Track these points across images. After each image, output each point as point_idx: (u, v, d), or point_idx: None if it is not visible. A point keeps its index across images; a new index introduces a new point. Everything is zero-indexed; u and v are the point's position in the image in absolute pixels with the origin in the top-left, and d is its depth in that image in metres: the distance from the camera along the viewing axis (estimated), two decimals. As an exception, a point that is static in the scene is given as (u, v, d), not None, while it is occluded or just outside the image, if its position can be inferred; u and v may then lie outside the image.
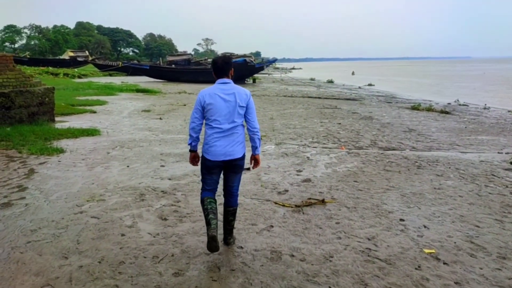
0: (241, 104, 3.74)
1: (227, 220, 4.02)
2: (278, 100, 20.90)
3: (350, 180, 6.55)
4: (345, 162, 7.76)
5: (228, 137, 3.73)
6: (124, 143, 9.19)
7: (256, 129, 3.88)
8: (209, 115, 3.72)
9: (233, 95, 3.72)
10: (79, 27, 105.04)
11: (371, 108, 18.03)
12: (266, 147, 9.05)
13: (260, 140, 4.00)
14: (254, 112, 3.88)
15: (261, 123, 12.21)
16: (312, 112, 15.82)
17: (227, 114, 3.69)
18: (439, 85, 39.15)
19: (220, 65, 3.81)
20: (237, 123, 3.74)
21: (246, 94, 3.82)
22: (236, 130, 3.76)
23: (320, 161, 7.77)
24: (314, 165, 7.47)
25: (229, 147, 3.74)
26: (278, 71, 78.47)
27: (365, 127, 12.18)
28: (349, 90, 31.55)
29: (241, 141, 3.83)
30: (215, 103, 3.68)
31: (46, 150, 8.04)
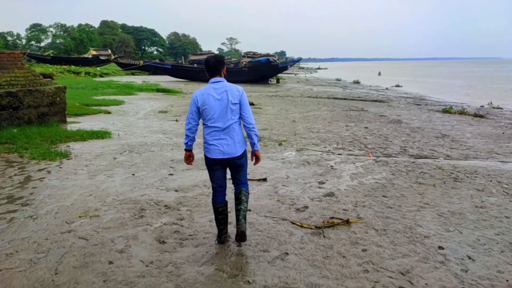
0: (234, 101, 3.78)
1: (240, 200, 3.98)
2: (302, 102, 20.18)
3: (379, 194, 5.83)
4: (372, 172, 7.02)
5: (225, 136, 3.79)
6: (134, 147, 8.70)
7: (252, 125, 3.91)
8: (204, 115, 3.80)
9: (225, 93, 3.78)
10: (104, 26, 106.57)
11: (400, 111, 17.11)
12: (286, 153, 8.39)
13: (258, 136, 4.02)
14: (248, 108, 3.91)
15: (282, 127, 11.57)
16: (337, 114, 15.06)
17: (221, 112, 3.76)
18: (470, 87, 37.54)
19: (213, 64, 3.86)
20: (232, 120, 3.79)
21: (238, 90, 3.86)
22: (232, 127, 3.80)
23: (345, 171, 7.06)
24: (338, 175, 6.77)
25: (227, 146, 3.79)
26: (303, 71, 77.52)
27: (394, 132, 11.36)
28: (375, 91, 30.52)
29: (239, 140, 3.86)
30: (209, 103, 3.76)
31: (49, 154, 7.61)
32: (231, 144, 3.80)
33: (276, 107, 17.24)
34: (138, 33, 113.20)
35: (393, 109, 17.68)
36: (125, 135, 10.07)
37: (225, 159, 3.82)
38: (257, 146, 4.02)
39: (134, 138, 9.78)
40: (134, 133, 10.46)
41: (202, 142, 3.95)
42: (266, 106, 17.43)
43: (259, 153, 4.08)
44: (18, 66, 10.75)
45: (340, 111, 16.29)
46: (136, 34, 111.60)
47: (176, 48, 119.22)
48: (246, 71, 36.35)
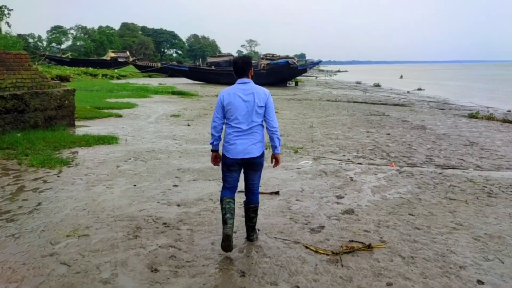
0: (260, 104, 3.82)
1: (249, 217, 4.13)
2: (321, 105, 19.53)
3: (404, 212, 5.21)
4: (396, 185, 6.39)
5: (247, 136, 3.83)
6: (140, 154, 8.25)
7: (275, 128, 3.94)
8: (229, 114, 3.84)
9: (252, 95, 3.81)
10: (124, 28, 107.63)
11: (423, 116, 16.31)
12: (302, 162, 7.82)
13: (280, 139, 4.03)
14: (273, 111, 3.94)
15: (298, 133, 11.00)
16: (357, 119, 14.38)
17: (246, 113, 3.80)
18: (495, 90, 36.18)
19: (240, 65, 3.89)
20: (256, 122, 3.84)
21: (265, 93, 3.89)
22: (255, 129, 3.85)
23: (366, 183, 6.44)
24: (358, 188, 6.16)
25: (248, 145, 3.83)
26: (323, 73, 76.66)
27: (418, 139, 10.65)
28: (397, 95, 29.60)
29: (260, 140, 3.91)
30: (235, 103, 3.79)
31: (48, 162, 7.21)
32: (252, 144, 3.84)
33: (294, 111, 16.66)
34: (158, 35, 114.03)
35: (416, 114, 16.89)
36: (132, 141, 9.65)
37: (245, 159, 3.85)
38: (278, 149, 4.04)
39: (142, 144, 9.34)
40: (142, 138, 10.03)
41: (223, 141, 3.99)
42: (283, 110, 16.86)
43: (279, 156, 4.11)
44: (25, 67, 10.44)
45: (361, 115, 15.59)
46: (156, 36, 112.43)
47: (195, 50, 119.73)
48: (264, 74, 35.82)
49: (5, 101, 9.60)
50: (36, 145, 8.51)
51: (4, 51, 10.33)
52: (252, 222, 4.16)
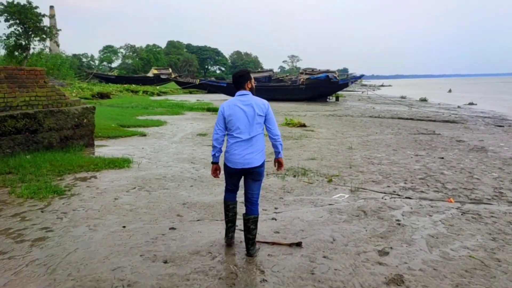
0: (260, 113, 3.90)
1: (248, 229, 4.06)
2: (362, 122, 17.81)
3: (477, 281, 3.63)
4: (460, 234, 4.78)
5: (248, 146, 3.91)
6: (147, 182, 7.07)
7: (278, 136, 4.05)
8: (230, 125, 3.92)
9: (250, 105, 3.90)
10: (170, 46, 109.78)
11: (481, 134, 14.27)
12: (336, 196, 6.33)
13: (282, 145, 4.14)
14: (274, 121, 4.01)
15: (334, 156, 9.49)
16: (403, 139, 12.63)
17: (246, 123, 3.88)
18: None
19: (236, 78, 4.06)
20: (257, 132, 3.92)
21: (264, 104, 3.97)
22: (256, 139, 3.93)
23: (419, 230, 4.87)
24: (408, 239, 4.61)
25: (248, 155, 3.90)
26: (366, 88, 74.10)
27: (480, 165, 8.84)
28: (446, 110, 27.17)
29: (261, 149, 3.98)
30: (235, 114, 3.89)
31: (40, 192, 6.15)
32: (253, 153, 3.89)
33: (331, 129, 15.09)
34: (202, 53, 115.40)
35: (472, 132, 14.84)
36: (147, 164, 8.53)
37: (245, 168, 3.93)
38: (281, 153, 4.17)
39: (156, 168, 8.19)
40: (158, 161, 8.89)
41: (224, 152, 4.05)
42: (319, 128, 15.34)
43: (283, 160, 4.21)
44: (40, 84, 9.65)
45: (407, 134, 13.79)
46: (200, 54, 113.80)
47: (238, 66, 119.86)
48: (303, 89, 34.41)
49: (15, 121, 8.78)
50: (41, 170, 7.56)
51: (16, 67, 9.61)
52: (251, 234, 4.08)
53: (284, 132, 13.70)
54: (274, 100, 33.56)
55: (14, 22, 33.31)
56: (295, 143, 11.32)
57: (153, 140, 11.79)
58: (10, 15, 33.11)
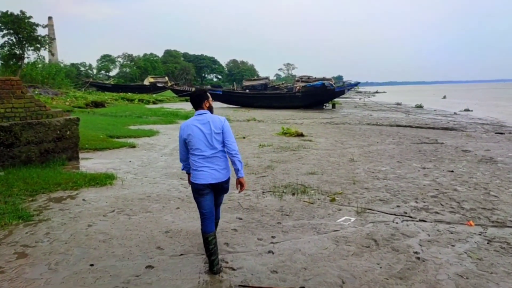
0: (217, 131, 3.87)
1: (209, 250, 3.92)
2: (361, 131, 16.98)
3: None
4: (493, 271, 3.94)
5: (212, 162, 3.87)
6: (129, 203, 6.21)
7: (235, 151, 3.93)
8: (191, 145, 3.89)
9: (208, 124, 3.87)
10: (167, 55, 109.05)
11: (485, 143, 13.47)
12: (341, 220, 5.48)
13: (241, 162, 3.99)
14: (231, 135, 3.96)
15: (336, 169, 8.64)
16: (406, 149, 11.79)
17: (206, 142, 3.85)
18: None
19: (194, 98, 4.05)
20: (217, 149, 3.88)
21: (221, 120, 3.94)
22: (218, 155, 3.90)
23: (443, 268, 4.01)
24: (432, 282, 3.74)
25: (215, 171, 3.87)
26: (361, 95, 73.52)
27: (494, 179, 8.01)
28: (443, 117, 26.42)
29: (225, 166, 3.95)
30: (194, 134, 3.86)
31: (3, 218, 5.28)
32: (218, 170, 3.88)
33: (330, 138, 14.24)
34: (198, 61, 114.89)
35: (475, 141, 14.04)
36: (131, 181, 7.67)
37: (213, 184, 3.88)
38: (241, 172, 3.98)
39: (141, 186, 7.33)
40: (145, 177, 8.03)
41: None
42: (318, 137, 14.49)
43: (244, 180, 4.03)
44: (17, 95, 8.79)
45: (409, 144, 12.97)
46: (197, 62, 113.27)
47: (234, 74, 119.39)
48: (299, 96, 33.61)
49: (-13, 134, 7.93)
50: (12, 189, 6.70)
51: (-11, 77, 8.76)
52: (215, 255, 3.96)
53: (281, 142, 12.85)
54: (271, 108, 32.78)
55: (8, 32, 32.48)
56: (293, 155, 10.47)
57: (142, 152, 10.91)
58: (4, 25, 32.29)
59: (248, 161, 9.64)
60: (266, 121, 21.71)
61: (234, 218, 5.49)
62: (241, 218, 5.49)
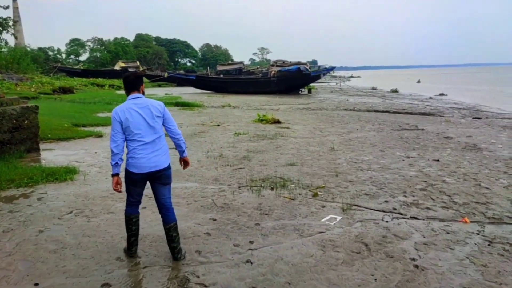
0: (157, 115, 3.68)
1: (171, 238, 3.85)
2: (339, 117, 16.55)
3: None
4: (503, 282, 3.52)
5: (152, 148, 3.66)
6: (90, 202, 5.53)
7: (179, 135, 3.84)
8: (129, 130, 3.62)
9: (147, 108, 3.66)
10: (138, 39, 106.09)
11: (466, 129, 13.25)
12: (326, 219, 4.97)
13: (185, 143, 3.93)
14: (172, 120, 3.84)
15: (316, 160, 8.12)
16: (387, 136, 11.41)
17: (146, 126, 3.63)
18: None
19: (132, 80, 3.77)
20: (158, 134, 3.70)
21: (160, 105, 3.78)
22: (158, 140, 3.71)
23: (446, 279, 3.55)
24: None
25: (154, 158, 3.66)
26: (336, 79, 73.46)
27: (482, 168, 7.66)
28: (420, 102, 26.36)
29: (165, 151, 3.78)
30: (132, 118, 3.60)
31: None
32: (158, 156, 3.68)
33: (308, 125, 13.73)
34: (171, 45, 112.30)
35: (455, 127, 13.82)
36: (95, 175, 6.96)
37: (152, 172, 3.67)
38: (186, 152, 4.00)
39: (105, 181, 6.63)
40: (111, 170, 7.31)
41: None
42: (295, 124, 13.96)
43: (188, 158, 4.06)
44: (-36, 80, 7.85)
45: (390, 130, 12.60)
46: (169, 47, 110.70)
47: (208, 59, 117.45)
48: (275, 81, 33.01)
49: None
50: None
51: None
52: (176, 242, 3.86)
53: (258, 130, 12.27)
54: (245, 93, 32.07)
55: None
56: (270, 144, 9.91)
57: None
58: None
59: (222, 151, 9.02)
60: (241, 107, 21.05)
61: (207, 219, 4.90)
62: (215, 219, 4.91)
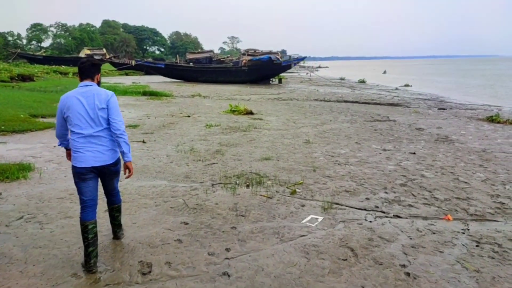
0: (101, 106, 3.36)
1: (113, 216, 3.84)
2: (311, 107, 16.22)
3: None
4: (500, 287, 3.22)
5: (94, 143, 3.35)
6: (45, 204, 4.92)
7: (120, 131, 3.41)
8: (69, 121, 3.35)
9: (92, 97, 3.35)
10: (105, 26, 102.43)
11: (434, 120, 13.22)
12: (306, 220, 4.57)
13: (128, 144, 3.48)
14: (117, 113, 3.43)
15: (292, 153, 7.73)
16: (361, 128, 11.16)
17: (87, 118, 3.33)
18: (491, 87, 33.24)
19: (87, 67, 3.49)
20: (101, 127, 3.38)
21: (107, 94, 3.43)
22: (102, 134, 3.38)
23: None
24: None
25: (98, 152, 3.36)
26: (305, 69, 73.49)
27: (458, 161, 7.47)
28: (387, 92, 26.50)
29: (110, 146, 3.45)
30: (74, 107, 3.31)
31: None
32: (102, 151, 3.37)
33: (281, 116, 13.33)
34: (139, 33, 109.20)
35: (424, 118, 13.77)
36: (53, 173, 6.29)
37: (97, 167, 3.37)
38: (129, 156, 3.49)
39: (63, 179, 5.99)
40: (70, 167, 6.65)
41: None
42: (268, 115, 13.53)
43: (131, 164, 3.55)
44: None
45: (363, 122, 12.38)
46: (137, 34, 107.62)
47: (177, 47, 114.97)
48: (246, 71, 32.41)
49: None
50: None
51: None
52: (117, 220, 3.88)
53: (230, 121, 11.76)
54: (216, 82, 31.35)
55: None
56: (244, 137, 9.43)
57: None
58: None
59: (194, 144, 8.48)
60: (212, 97, 20.42)
61: (178, 223, 4.40)
62: (186, 223, 4.42)
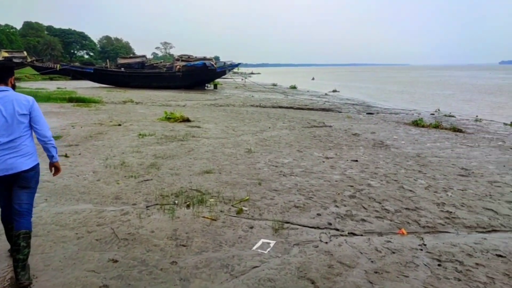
0: (22, 112, 3.14)
1: (18, 248, 3.09)
2: (249, 114, 15.69)
3: None
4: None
5: (9, 150, 3.08)
6: None
7: (47, 138, 3.28)
8: None
9: (10, 103, 3.12)
10: (26, 27, 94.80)
11: (367, 125, 13.33)
12: (257, 246, 3.96)
13: (56, 148, 3.43)
14: (41, 119, 3.28)
15: (234, 165, 7.10)
16: (300, 135, 10.80)
17: (4, 125, 3.08)
18: (406, 92, 35.31)
19: None
20: (19, 134, 3.14)
21: (28, 100, 3.23)
22: (20, 141, 3.15)
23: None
24: None
25: (10, 160, 3.08)
26: (238, 75, 73.39)
27: (398, 168, 7.30)
28: (318, 98, 26.95)
29: (27, 153, 3.19)
30: None
31: None
32: (16, 157, 3.11)
33: (219, 123, 12.63)
34: (66, 36, 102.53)
35: (357, 123, 13.85)
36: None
37: (9, 175, 3.10)
38: (56, 157, 3.45)
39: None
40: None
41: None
42: (206, 122, 12.76)
43: (59, 164, 3.51)
44: None
45: (301, 128, 12.07)
46: (63, 37, 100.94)
47: (108, 52, 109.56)
48: (180, 76, 31.29)
49: None
50: None
51: None
52: (22, 254, 3.12)
53: (166, 130, 10.84)
54: (149, 88, 29.87)
55: None
56: (181, 147, 8.61)
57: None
58: None
59: (125, 158, 7.52)
60: (146, 103, 19.19)
61: (104, 262, 3.56)
62: (116, 260, 3.59)
